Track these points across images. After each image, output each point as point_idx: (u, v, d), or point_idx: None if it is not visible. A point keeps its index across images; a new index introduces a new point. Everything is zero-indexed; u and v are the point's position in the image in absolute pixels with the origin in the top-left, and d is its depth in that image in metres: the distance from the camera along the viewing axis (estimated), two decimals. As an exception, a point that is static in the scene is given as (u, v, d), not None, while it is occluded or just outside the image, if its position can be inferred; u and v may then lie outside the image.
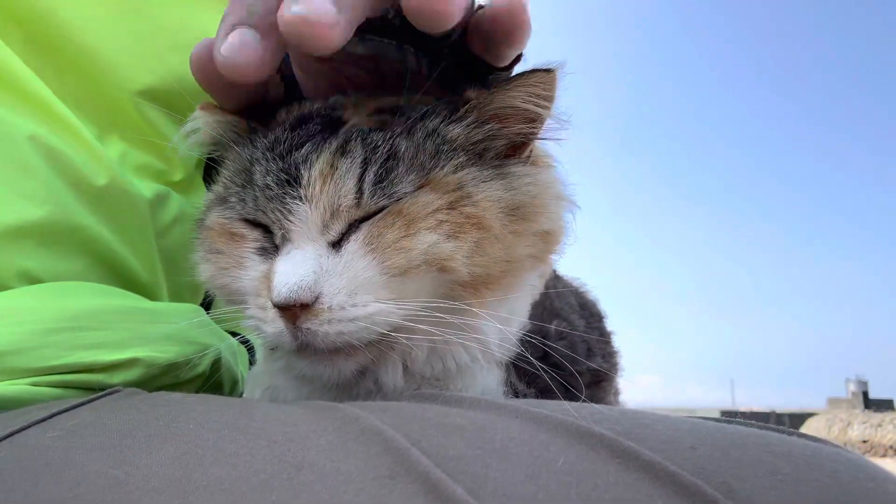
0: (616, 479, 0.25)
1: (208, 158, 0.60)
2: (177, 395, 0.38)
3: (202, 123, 0.47)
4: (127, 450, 0.29)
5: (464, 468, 0.26)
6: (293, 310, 0.37)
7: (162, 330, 0.46)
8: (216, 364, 0.54)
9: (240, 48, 0.37)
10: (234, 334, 0.62)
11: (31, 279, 0.44)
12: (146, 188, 0.54)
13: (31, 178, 0.44)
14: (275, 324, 0.38)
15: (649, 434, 0.29)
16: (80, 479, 0.27)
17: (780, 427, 0.33)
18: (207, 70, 0.40)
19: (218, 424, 0.31)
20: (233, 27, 0.37)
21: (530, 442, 0.28)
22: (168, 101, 0.54)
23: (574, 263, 0.54)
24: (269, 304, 0.38)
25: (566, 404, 0.33)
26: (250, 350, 0.68)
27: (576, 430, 0.29)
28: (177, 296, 0.60)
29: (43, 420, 0.33)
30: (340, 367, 0.40)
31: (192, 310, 0.55)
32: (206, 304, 0.65)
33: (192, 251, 0.48)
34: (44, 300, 0.43)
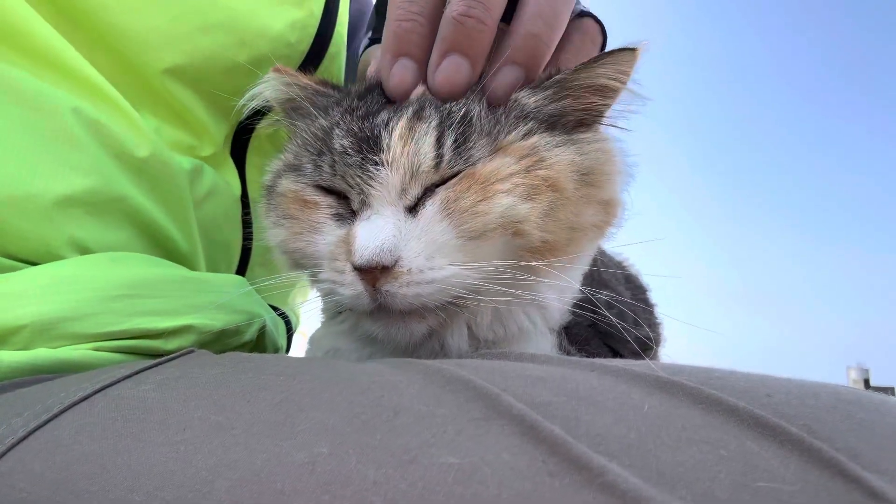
0: (703, 421, 0.26)
1: (236, 133, 0.61)
2: (254, 355, 0.39)
3: (275, 85, 0.48)
4: (223, 399, 0.30)
5: (554, 412, 0.26)
6: (373, 272, 0.38)
7: (211, 299, 0.47)
8: (261, 333, 0.55)
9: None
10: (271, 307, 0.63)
11: (81, 248, 0.45)
12: (183, 161, 0.55)
13: (76, 150, 0.45)
14: (353, 286, 0.39)
15: (725, 384, 0.29)
16: (185, 425, 0.28)
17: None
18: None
19: (306, 376, 0.32)
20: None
21: (612, 390, 0.29)
22: (195, 80, 0.55)
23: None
24: (348, 268, 0.39)
25: (637, 361, 0.33)
26: (287, 323, 0.69)
27: (654, 381, 0.29)
28: (212, 266, 0.61)
29: (129, 376, 0.34)
30: (413, 329, 0.41)
31: (238, 280, 0.56)
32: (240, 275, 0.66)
33: (260, 217, 0.48)
34: (100, 269, 0.44)
